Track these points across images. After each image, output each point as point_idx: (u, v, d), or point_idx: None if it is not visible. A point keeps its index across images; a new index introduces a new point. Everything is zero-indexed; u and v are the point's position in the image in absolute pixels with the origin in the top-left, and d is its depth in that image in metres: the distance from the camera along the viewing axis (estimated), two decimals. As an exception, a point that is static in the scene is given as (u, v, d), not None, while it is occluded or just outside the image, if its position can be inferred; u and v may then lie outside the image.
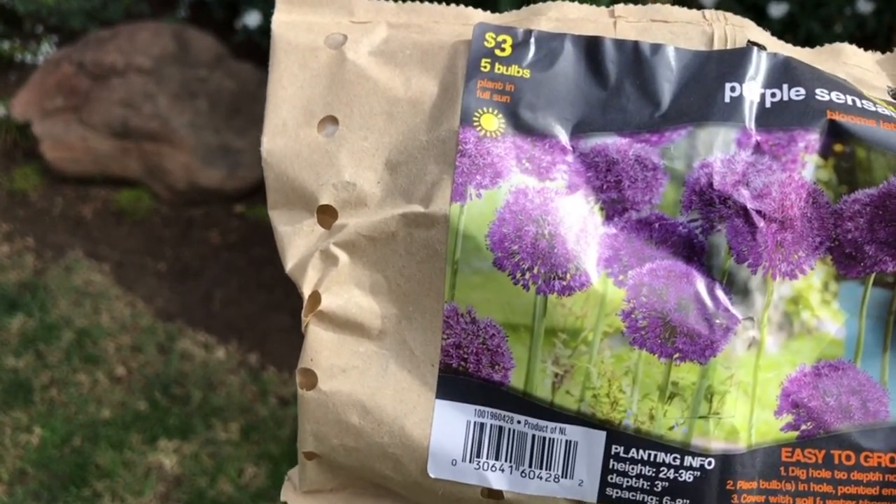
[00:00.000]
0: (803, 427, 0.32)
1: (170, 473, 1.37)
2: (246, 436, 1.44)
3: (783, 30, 1.93)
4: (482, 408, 0.32)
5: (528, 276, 0.31)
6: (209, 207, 1.84)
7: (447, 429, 0.32)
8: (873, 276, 0.32)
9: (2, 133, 1.91)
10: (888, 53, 0.36)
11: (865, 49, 0.37)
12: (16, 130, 1.90)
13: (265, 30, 1.99)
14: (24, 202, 1.83)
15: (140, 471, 1.38)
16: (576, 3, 0.35)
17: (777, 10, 1.89)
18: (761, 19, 1.93)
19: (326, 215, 0.34)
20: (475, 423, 0.32)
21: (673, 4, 0.35)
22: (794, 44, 0.33)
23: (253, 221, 1.81)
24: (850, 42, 0.35)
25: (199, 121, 1.85)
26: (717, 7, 1.85)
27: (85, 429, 1.42)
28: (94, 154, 1.84)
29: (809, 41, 1.93)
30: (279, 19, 0.35)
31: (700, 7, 1.85)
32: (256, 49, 2.03)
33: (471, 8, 0.36)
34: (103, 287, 1.66)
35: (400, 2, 0.36)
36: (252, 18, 1.99)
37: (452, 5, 0.35)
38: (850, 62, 0.35)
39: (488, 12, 0.36)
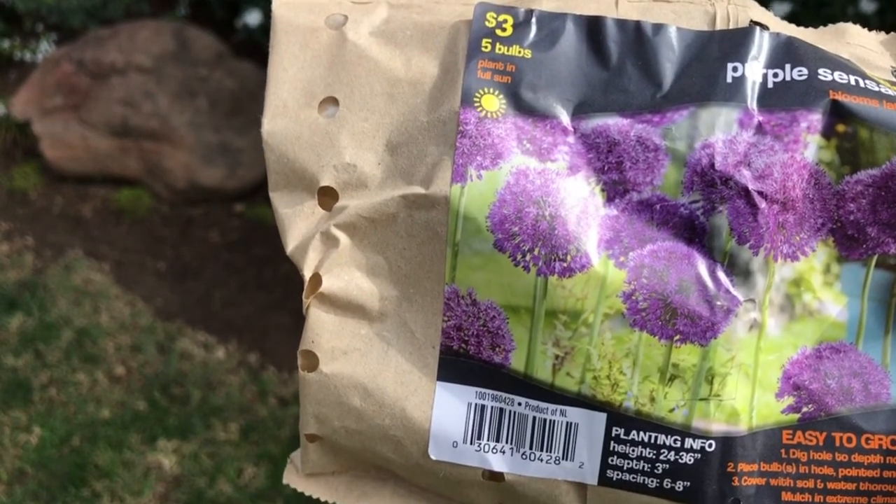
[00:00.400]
0: (804, 409, 0.32)
1: (169, 473, 1.37)
2: (245, 436, 1.44)
3: (785, 29, 1.92)
4: (483, 390, 0.32)
5: (528, 257, 0.31)
6: (209, 207, 1.84)
7: (448, 411, 0.32)
8: (875, 257, 0.32)
9: (1, 132, 1.90)
10: (892, 34, 0.36)
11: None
12: (15, 129, 1.90)
13: (266, 28, 1.98)
14: (23, 201, 1.83)
15: (139, 471, 1.37)
16: None
17: (779, 10, 1.89)
18: (763, 19, 1.93)
19: (327, 197, 0.34)
20: (476, 405, 0.32)
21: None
22: None
23: (253, 221, 1.81)
24: None
25: (199, 120, 1.85)
26: (719, 6, 1.85)
27: (84, 428, 1.42)
28: (94, 153, 1.84)
29: (811, 41, 1.92)
30: (280, 0, 0.35)
31: None
32: (257, 48, 2.03)
33: None
34: (103, 286, 1.65)
35: None
36: (252, 17, 1.99)
37: None
38: (853, 42, 0.35)
39: None
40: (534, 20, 0.33)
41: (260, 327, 1.61)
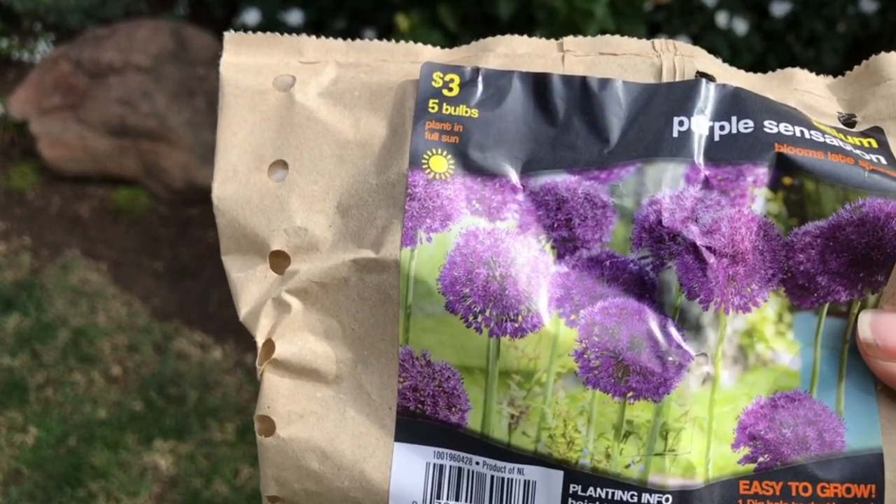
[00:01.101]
0: (760, 459, 0.32)
1: (165, 474, 1.37)
2: (242, 436, 1.43)
3: (786, 29, 1.92)
4: (441, 449, 0.33)
5: (480, 318, 0.31)
6: (207, 207, 1.83)
7: (407, 471, 0.33)
8: (827, 305, 0.32)
9: (-1, 131, 1.90)
10: (839, 77, 0.36)
11: (868, 51, 0.37)
12: (13, 129, 1.89)
13: (264, 28, 1.98)
14: (21, 201, 1.83)
15: (135, 471, 1.37)
16: (525, 36, 0.35)
17: (780, 9, 1.88)
18: (764, 18, 1.93)
19: (280, 259, 0.34)
20: (434, 464, 0.33)
21: None
22: (798, 43, 0.33)
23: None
24: (855, 42, 0.35)
25: (197, 119, 1.84)
26: (720, 6, 1.85)
27: (80, 429, 1.42)
28: (92, 153, 1.84)
29: (812, 41, 1.92)
30: (227, 61, 0.35)
31: (701, 7, 1.84)
32: (255, 47, 2.02)
33: (420, 45, 0.35)
34: (100, 286, 1.65)
35: (350, 40, 0.35)
36: (251, 17, 1.98)
37: (402, 42, 0.35)
38: (800, 88, 0.35)
39: (438, 48, 0.35)
40: (480, 79, 0.33)
41: (257, 327, 1.61)
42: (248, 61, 0.35)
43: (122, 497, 1.31)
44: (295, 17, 1.95)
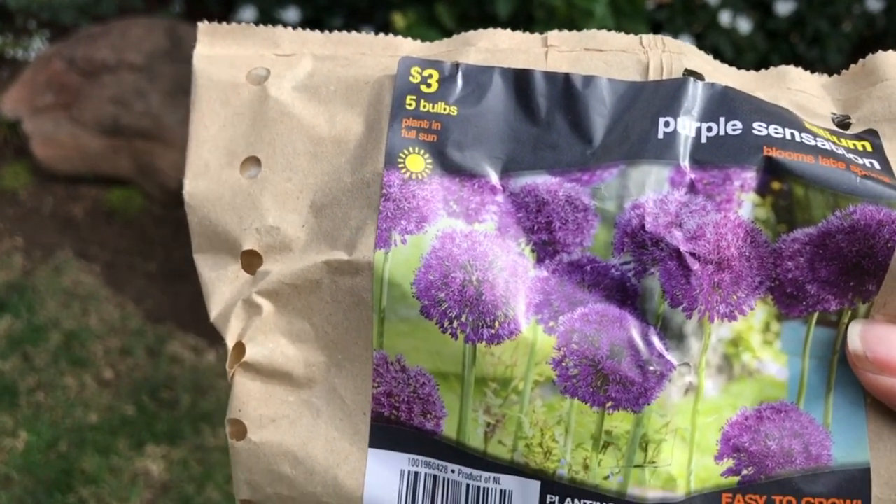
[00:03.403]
0: (744, 472, 0.31)
1: (157, 480, 1.35)
2: (235, 441, 1.42)
3: (790, 28, 1.91)
4: (416, 457, 0.32)
5: (455, 324, 0.31)
6: (201, 207, 1.82)
7: (381, 478, 0.32)
8: (816, 315, 0.31)
9: (-8, 131, 1.88)
10: (835, 76, 0.35)
11: (873, 50, 0.35)
12: (5, 128, 1.88)
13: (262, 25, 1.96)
14: (13, 201, 1.81)
15: (126, 477, 1.36)
16: (508, 30, 0.34)
17: (784, 8, 1.87)
18: (768, 17, 1.91)
19: (253, 258, 0.33)
20: (409, 472, 0.32)
21: None
22: (802, 42, 0.31)
23: (246, 221, 1.79)
24: (860, 41, 0.33)
25: (191, 119, 1.82)
26: (723, 4, 1.83)
27: (71, 433, 1.40)
28: (85, 152, 1.82)
29: (817, 40, 1.90)
30: (200, 53, 0.34)
31: (704, 5, 1.82)
32: (251, 46, 2.01)
33: (399, 38, 0.34)
34: (92, 288, 1.63)
35: (328, 32, 0.34)
36: (247, 14, 1.96)
37: (381, 35, 0.34)
38: (794, 87, 0.34)
39: (418, 41, 0.34)
40: (460, 75, 0.32)
41: (251, 330, 1.59)
42: (221, 52, 0.34)
43: (113, 503, 1.30)
44: (291, 14, 1.93)
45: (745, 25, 1.85)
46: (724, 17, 1.84)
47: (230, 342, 0.32)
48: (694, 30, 1.84)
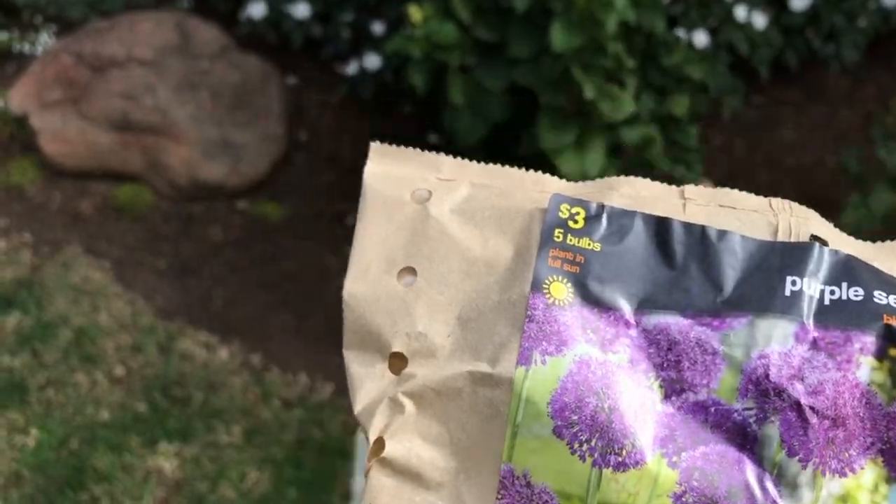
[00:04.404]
0: None
1: (170, 478, 1.34)
2: (248, 439, 1.41)
3: (806, 23, 1.89)
4: None
5: (585, 447, 0.32)
6: (210, 203, 1.80)
7: None
8: None
9: (-1, 126, 1.87)
10: None
11: (888, 47, 0.37)
12: (13, 123, 1.86)
13: (270, 21, 1.95)
14: (21, 197, 1.79)
15: (139, 475, 1.34)
16: (647, 180, 0.37)
17: (799, 3, 1.85)
18: (783, 12, 1.89)
19: (398, 360, 0.35)
20: None
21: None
22: (818, 38, 0.32)
23: (255, 218, 1.78)
24: (876, 36, 0.34)
25: (200, 114, 1.81)
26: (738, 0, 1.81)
27: (82, 431, 1.39)
28: (93, 148, 1.80)
29: (832, 35, 1.89)
30: (371, 170, 0.38)
31: (720, 0, 1.80)
32: (261, 41, 1.99)
33: (548, 175, 0.38)
34: (102, 284, 1.62)
35: (484, 164, 0.38)
36: (257, 9, 1.95)
37: (531, 171, 0.38)
38: None
39: (564, 181, 0.38)
40: (605, 215, 0.35)
41: (262, 327, 1.58)
42: (389, 171, 0.38)
43: (126, 501, 1.28)
44: (302, 9, 1.92)
45: (760, 20, 1.84)
46: (740, 12, 1.83)
47: (372, 437, 0.34)
48: (709, 24, 1.82)
